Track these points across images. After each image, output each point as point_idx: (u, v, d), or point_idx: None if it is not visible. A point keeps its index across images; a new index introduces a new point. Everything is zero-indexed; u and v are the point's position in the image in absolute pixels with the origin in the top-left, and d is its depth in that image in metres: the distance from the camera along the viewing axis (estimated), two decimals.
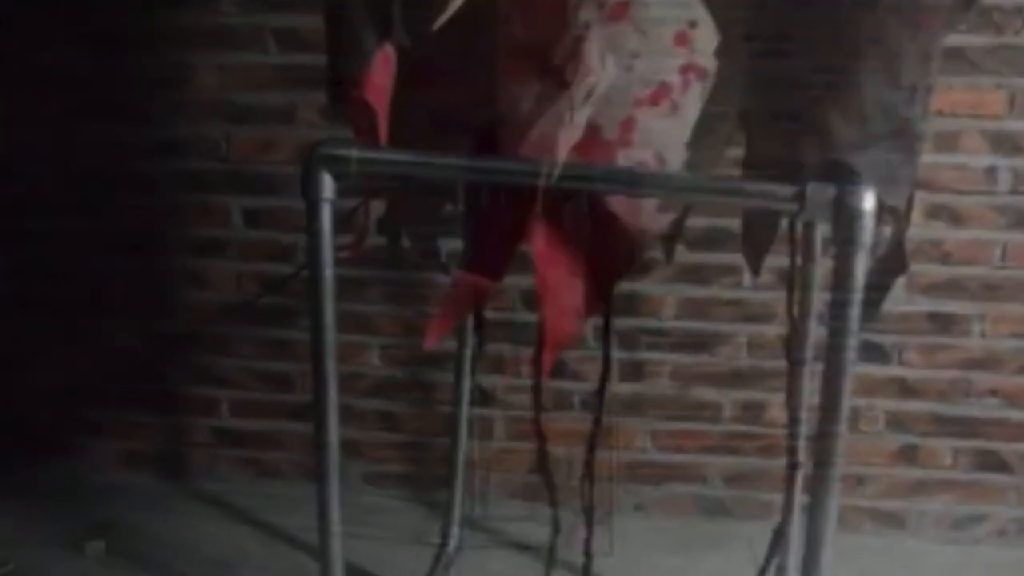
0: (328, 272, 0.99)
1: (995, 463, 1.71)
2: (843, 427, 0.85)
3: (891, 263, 0.97)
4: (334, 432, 1.05)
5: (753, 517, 1.76)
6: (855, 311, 0.80)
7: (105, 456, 1.89)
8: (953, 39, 1.52)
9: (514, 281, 1.57)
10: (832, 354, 0.83)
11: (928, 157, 1.58)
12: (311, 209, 0.95)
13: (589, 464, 1.21)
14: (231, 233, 1.78)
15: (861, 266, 0.79)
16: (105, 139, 1.76)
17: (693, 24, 0.88)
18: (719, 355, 1.73)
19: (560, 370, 1.76)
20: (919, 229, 1.62)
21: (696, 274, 1.68)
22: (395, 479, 1.87)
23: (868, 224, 0.79)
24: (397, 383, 1.82)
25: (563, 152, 0.89)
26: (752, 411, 1.73)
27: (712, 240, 1.64)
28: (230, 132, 1.74)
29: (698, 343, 1.72)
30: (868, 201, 0.79)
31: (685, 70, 0.89)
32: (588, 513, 1.26)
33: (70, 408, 1.88)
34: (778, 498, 1.72)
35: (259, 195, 1.76)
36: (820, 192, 0.80)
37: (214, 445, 1.88)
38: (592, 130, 0.91)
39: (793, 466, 1.26)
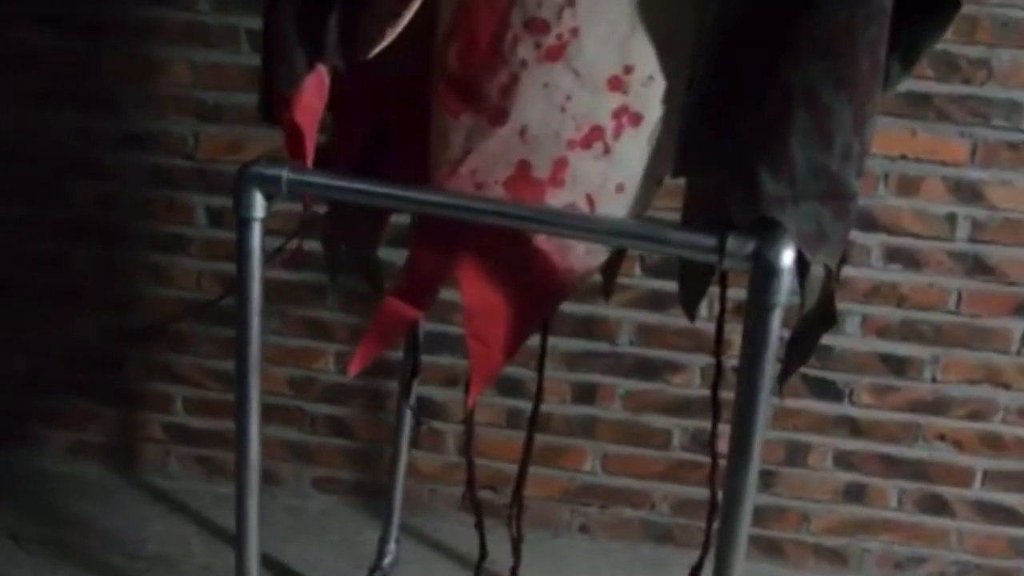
0: (256, 291, 0.98)
1: (939, 506, 1.73)
2: (751, 491, 0.85)
3: (820, 317, 0.97)
4: (255, 449, 1.05)
5: (698, 545, 1.76)
6: (768, 369, 0.80)
7: (56, 445, 1.89)
8: (922, 85, 1.54)
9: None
10: (742, 414, 0.83)
11: (890, 200, 1.59)
12: (241, 227, 0.95)
13: (518, 491, 1.22)
14: (195, 231, 1.78)
15: (775, 323, 0.80)
16: (70, 126, 1.76)
17: (629, 69, 0.88)
18: (672, 383, 1.73)
19: (514, 389, 1.76)
20: (878, 271, 1.63)
21: (653, 301, 1.68)
22: (345, 485, 1.87)
23: (785, 282, 0.80)
24: (350, 390, 1.82)
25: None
26: (702, 440, 1.74)
27: (670, 268, 1.64)
28: (199, 130, 1.74)
29: (651, 370, 1.73)
30: (786, 258, 0.79)
31: (619, 114, 0.89)
32: (515, 542, 1.26)
33: (23, 395, 1.88)
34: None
35: (225, 194, 1.75)
36: (740, 245, 0.81)
37: (166, 441, 1.88)
38: (523, 167, 0.91)
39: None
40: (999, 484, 1.71)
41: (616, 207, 0.93)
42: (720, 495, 1.23)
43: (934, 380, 1.67)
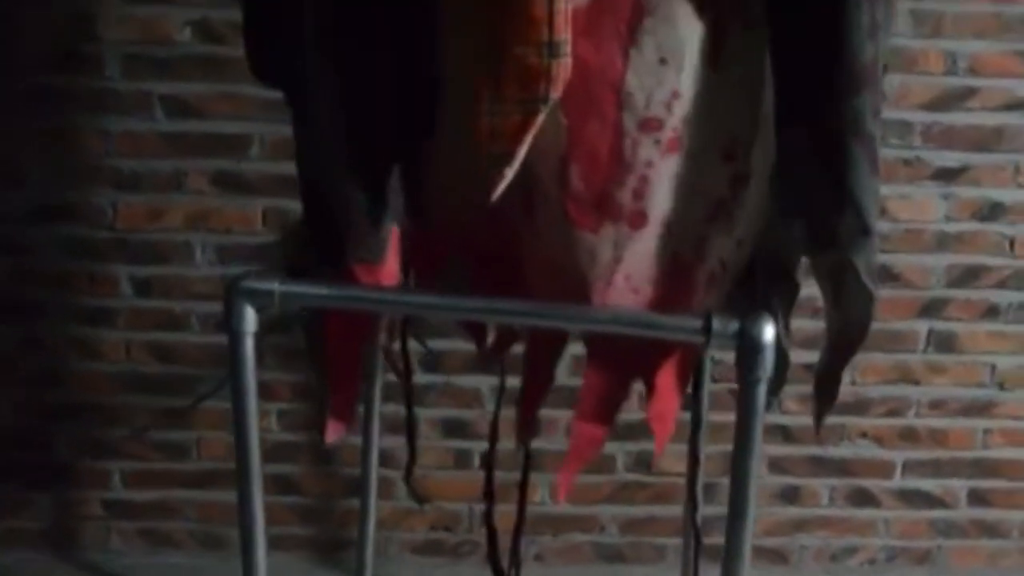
0: (252, 404, 0.99)
1: (866, 499, 1.85)
2: (748, 543, 0.91)
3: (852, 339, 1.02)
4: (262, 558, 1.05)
5: (646, 561, 1.85)
6: (757, 437, 0.87)
7: None
8: None
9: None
10: (737, 478, 0.89)
11: None
12: (233, 341, 0.95)
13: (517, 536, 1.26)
14: (120, 302, 1.74)
15: (762, 396, 0.86)
16: None
17: (735, 140, 0.92)
18: None
19: (460, 430, 1.80)
20: None
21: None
22: (298, 541, 1.86)
23: (769, 357, 0.86)
24: (295, 447, 1.81)
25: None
26: (644, 461, 1.81)
27: None
28: (116, 199, 1.70)
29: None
30: (768, 334, 0.86)
31: (733, 182, 0.93)
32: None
33: None
34: (670, 542, 1.83)
35: (149, 263, 1.72)
36: (724, 325, 0.86)
37: (106, 517, 1.83)
38: (674, 258, 0.94)
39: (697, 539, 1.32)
40: (917, 472, 1.84)
41: (739, 260, 0.98)
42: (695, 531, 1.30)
43: (854, 383, 1.79)
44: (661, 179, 0.90)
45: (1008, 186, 1.71)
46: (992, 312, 1.76)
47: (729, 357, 0.94)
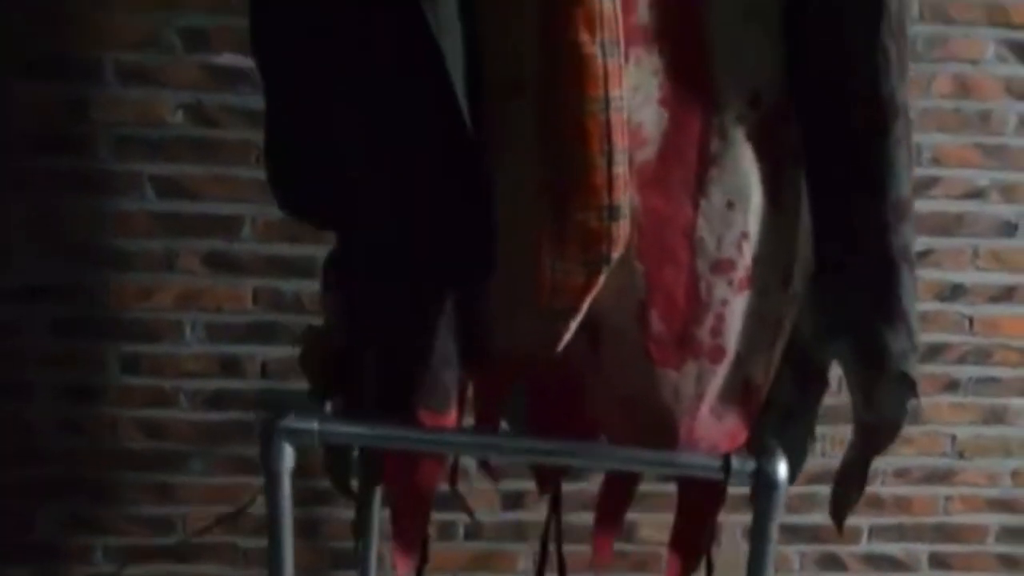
0: (288, 541, 1.01)
1: (835, 564, 1.93)
2: None
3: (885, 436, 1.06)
4: None
5: None
6: (771, 569, 0.92)
7: None
8: None
9: None
10: None
11: None
12: (271, 481, 0.98)
13: None
14: (107, 379, 1.74)
15: (775, 531, 0.92)
16: None
17: (790, 266, 0.97)
18: (594, 482, 1.84)
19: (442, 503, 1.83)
20: None
21: None
22: None
23: (782, 493, 0.92)
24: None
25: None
26: (625, 531, 1.87)
27: None
28: (107, 278, 1.70)
29: (574, 472, 1.83)
30: (782, 472, 0.92)
31: (789, 305, 0.99)
32: None
33: None
34: None
35: (138, 341, 1.73)
36: (742, 464, 0.92)
37: None
38: (746, 383, 0.99)
39: None
40: (882, 537, 1.93)
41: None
42: None
43: (823, 454, 1.86)
44: (735, 314, 0.95)
45: (967, 269, 1.81)
46: (952, 386, 1.86)
47: None
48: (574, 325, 0.90)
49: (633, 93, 0.87)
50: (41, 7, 1.60)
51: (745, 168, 0.92)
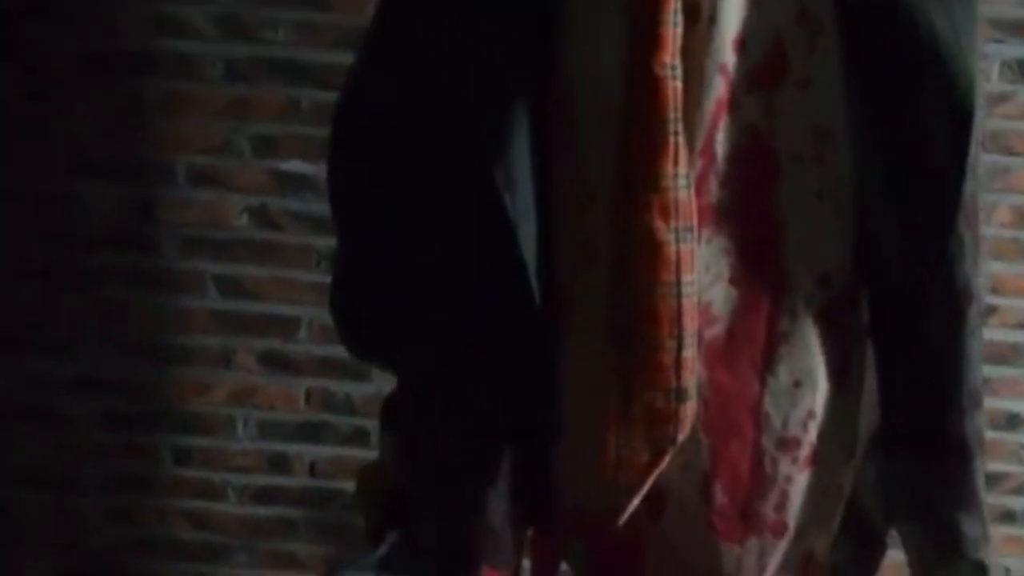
0: None
1: None
2: None
3: None
4: None
5: None
6: None
7: None
8: None
9: None
10: None
11: None
12: None
13: None
14: (159, 471, 1.77)
15: None
16: (22, 372, 1.73)
17: (852, 449, 0.96)
18: None
19: None
20: None
21: None
22: None
23: None
24: None
25: None
26: None
27: None
28: (164, 372, 1.74)
29: None
30: None
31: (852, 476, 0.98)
32: None
33: None
34: None
35: (190, 434, 1.76)
36: None
37: None
38: (806, 556, 0.97)
39: None
40: None
41: None
42: None
43: None
44: (799, 490, 0.94)
45: None
46: (1008, 516, 1.81)
47: None
48: (637, 499, 0.90)
49: (704, 272, 0.88)
50: (120, 113, 1.66)
51: (813, 348, 0.91)
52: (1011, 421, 1.79)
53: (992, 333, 1.75)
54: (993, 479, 1.79)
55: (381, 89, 1.01)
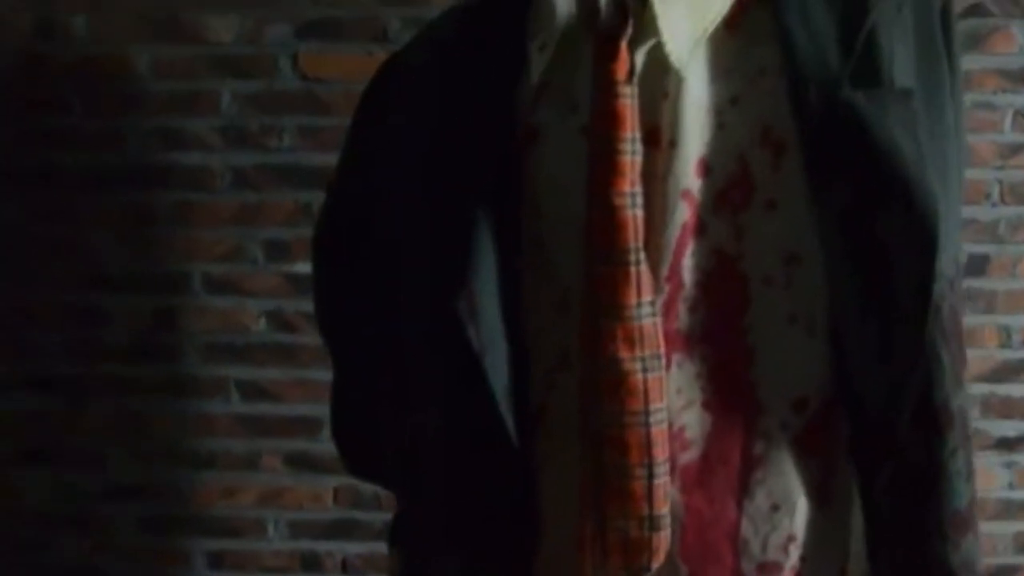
0: None
1: None
2: None
3: None
4: None
5: None
6: None
7: None
8: None
9: None
10: None
11: None
12: None
13: None
14: (192, 575, 1.78)
15: None
16: (54, 483, 1.75)
17: (845, 563, 0.93)
18: None
19: None
20: None
21: None
22: None
23: None
24: None
25: None
26: None
27: None
28: (192, 478, 1.75)
29: None
30: None
31: None
32: None
33: None
34: None
35: (222, 538, 1.77)
36: None
37: None
38: None
39: None
40: None
41: None
42: None
43: None
44: None
45: None
46: None
47: None
48: None
49: (676, 396, 0.86)
50: (134, 226, 1.69)
51: (790, 471, 0.89)
52: None
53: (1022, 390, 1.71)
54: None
55: (353, 211, 1.02)
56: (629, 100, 0.81)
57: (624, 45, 0.82)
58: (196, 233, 1.70)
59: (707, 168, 0.83)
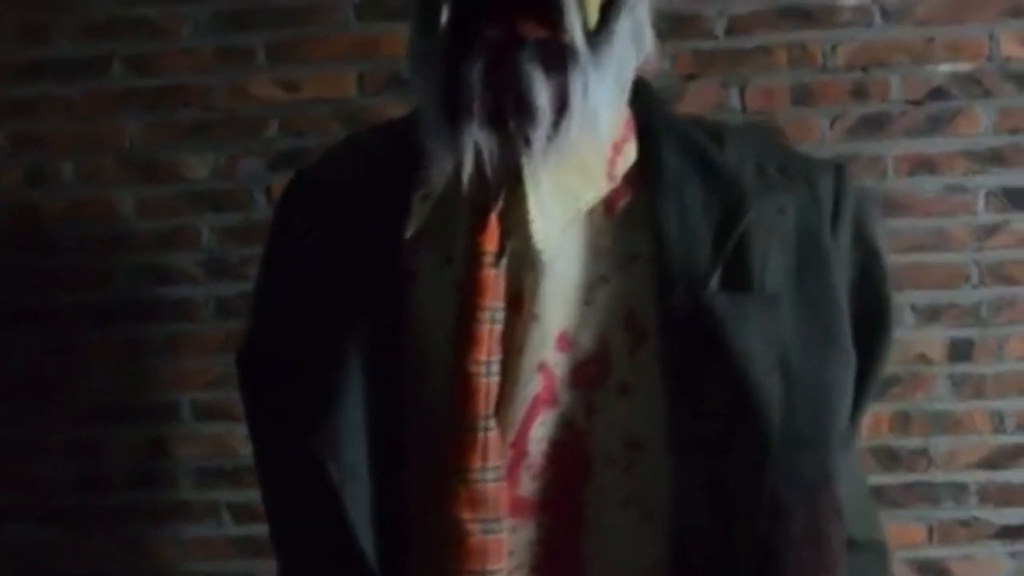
0: None
1: None
2: None
3: None
4: None
5: None
6: None
7: None
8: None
9: None
10: None
11: None
12: None
13: None
14: None
15: None
16: None
17: None
18: None
19: None
20: None
21: None
22: None
23: None
24: None
25: None
26: None
27: None
28: None
29: None
30: None
31: None
32: None
33: None
34: None
35: None
36: None
37: None
38: None
39: None
40: None
41: None
42: None
43: None
44: None
45: None
46: None
47: None
48: None
49: (508, 558, 0.85)
50: (125, 359, 1.75)
51: None
52: None
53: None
54: None
55: (256, 331, 1.00)
56: (493, 271, 0.82)
57: (495, 217, 0.83)
58: (184, 363, 1.75)
59: (568, 342, 0.83)
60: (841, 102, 1.65)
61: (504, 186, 0.83)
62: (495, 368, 0.82)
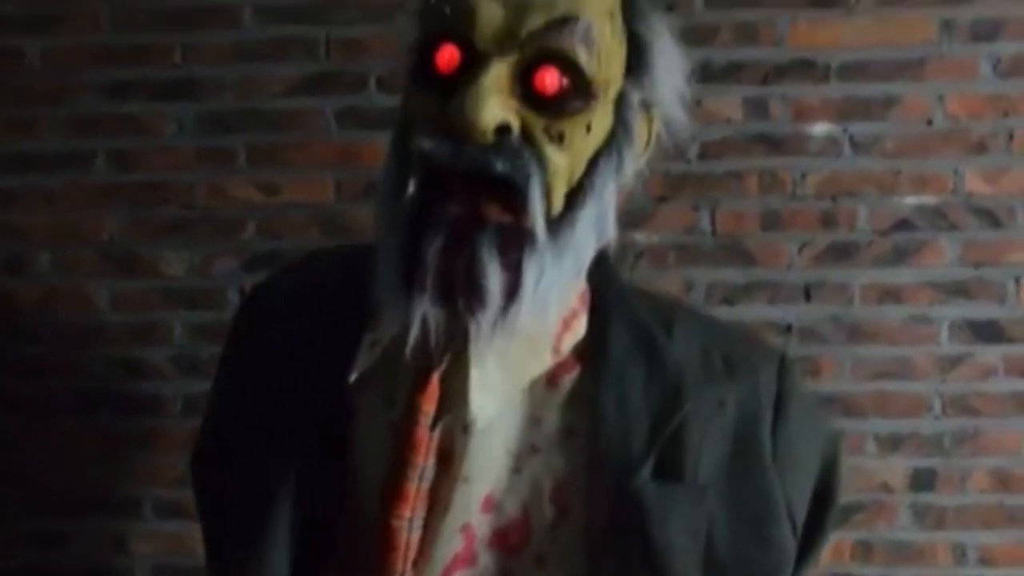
0: None
1: None
2: None
3: None
4: None
5: None
6: None
7: None
8: None
9: None
10: None
11: None
12: None
13: None
14: None
15: None
16: None
17: None
18: None
19: None
20: None
21: None
22: None
23: None
24: None
25: None
26: None
27: None
28: None
29: None
30: None
31: None
32: None
33: None
34: None
35: None
36: None
37: None
38: None
39: None
40: None
41: None
42: None
43: None
44: None
45: None
46: None
47: None
48: None
49: None
50: (91, 452, 1.75)
51: None
52: None
53: None
54: None
55: (207, 450, 1.00)
56: (427, 431, 0.83)
57: (436, 378, 0.84)
58: (152, 458, 1.75)
59: (493, 505, 0.84)
60: (810, 229, 1.68)
61: (449, 351, 0.84)
62: (417, 524, 0.83)
